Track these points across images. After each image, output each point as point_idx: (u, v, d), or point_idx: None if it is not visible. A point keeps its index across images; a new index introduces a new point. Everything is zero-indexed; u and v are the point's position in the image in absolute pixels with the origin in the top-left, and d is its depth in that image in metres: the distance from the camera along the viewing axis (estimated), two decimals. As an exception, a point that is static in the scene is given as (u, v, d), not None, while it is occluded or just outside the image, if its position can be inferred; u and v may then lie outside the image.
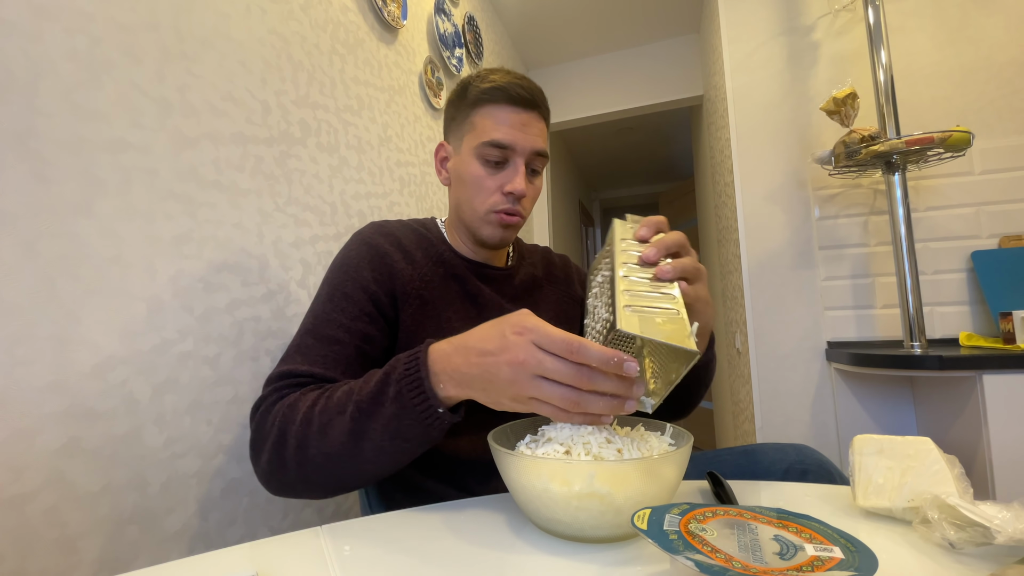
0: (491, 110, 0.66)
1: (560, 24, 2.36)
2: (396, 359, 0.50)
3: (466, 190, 0.69)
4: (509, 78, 0.67)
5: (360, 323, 0.61)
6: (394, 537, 0.43)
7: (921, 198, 1.47)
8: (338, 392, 0.51)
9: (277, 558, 0.40)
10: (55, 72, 0.58)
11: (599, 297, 0.53)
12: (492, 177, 0.67)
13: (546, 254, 0.86)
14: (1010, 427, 1.02)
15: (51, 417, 0.55)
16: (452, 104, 0.72)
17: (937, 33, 1.50)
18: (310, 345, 0.59)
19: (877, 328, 1.50)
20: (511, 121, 0.66)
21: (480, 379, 0.44)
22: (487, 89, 0.66)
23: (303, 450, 0.49)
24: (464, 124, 0.69)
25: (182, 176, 0.72)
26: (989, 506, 0.36)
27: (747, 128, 1.69)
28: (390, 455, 0.49)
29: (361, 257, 0.65)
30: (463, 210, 0.70)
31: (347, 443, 0.48)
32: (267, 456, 0.51)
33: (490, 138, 0.65)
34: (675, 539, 0.31)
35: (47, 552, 0.53)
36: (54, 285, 0.56)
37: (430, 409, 0.46)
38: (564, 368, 0.40)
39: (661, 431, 0.49)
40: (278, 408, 0.52)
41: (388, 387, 0.48)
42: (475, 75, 0.70)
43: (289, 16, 0.97)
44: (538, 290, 0.79)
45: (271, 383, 0.56)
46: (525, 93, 0.66)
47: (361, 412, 0.48)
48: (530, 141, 0.67)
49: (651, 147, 3.92)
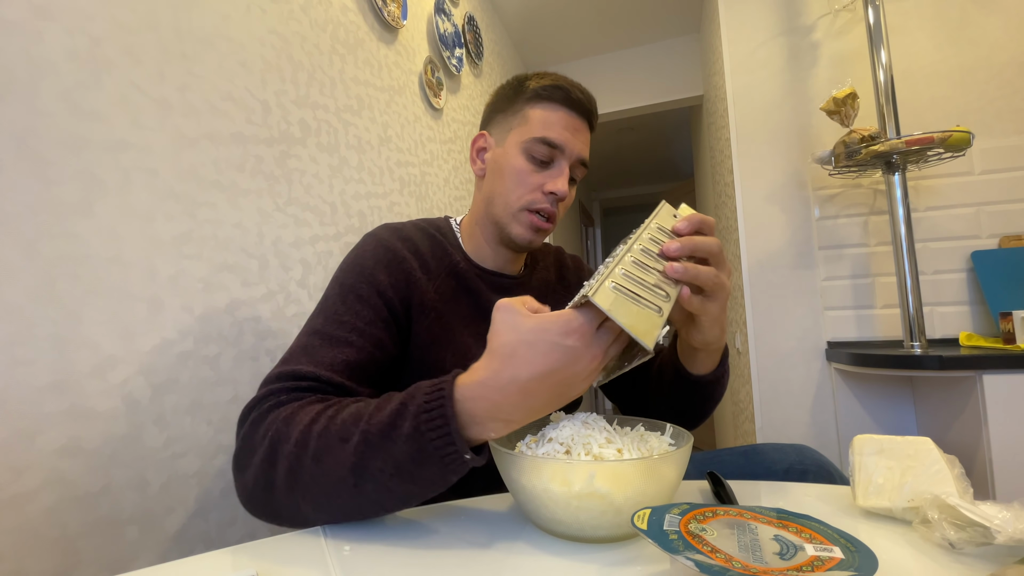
0: (548, 108, 0.65)
1: (560, 24, 2.36)
2: (417, 387, 0.44)
3: (504, 183, 0.66)
4: (569, 81, 0.67)
5: (375, 328, 0.57)
6: (394, 537, 0.43)
7: (921, 198, 1.47)
8: (344, 413, 0.45)
9: (277, 558, 0.40)
10: (55, 72, 0.58)
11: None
12: (535, 174, 0.65)
13: (559, 256, 0.84)
14: (1010, 427, 1.02)
15: (51, 417, 0.55)
16: (503, 96, 0.70)
17: (937, 33, 1.50)
18: (317, 346, 0.54)
19: (877, 328, 1.50)
20: (565, 123, 0.65)
21: (548, 402, 0.41)
22: (548, 87, 0.65)
23: (294, 475, 0.43)
24: (515, 117, 0.67)
25: (182, 176, 0.72)
26: (989, 506, 0.36)
27: (747, 128, 1.69)
28: (395, 498, 0.43)
29: (378, 259, 0.62)
30: (496, 203, 0.68)
31: (347, 478, 0.42)
32: (254, 472, 0.45)
33: (542, 135, 0.64)
34: (675, 539, 0.31)
35: (47, 552, 0.53)
36: (54, 285, 0.56)
37: (454, 455, 0.40)
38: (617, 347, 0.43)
39: (661, 431, 0.49)
40: (272, 418, 0.46)
41: (403, 420, 0.41)
42: (532, 73, 0.69)
43: (289, 16, 0.97)
44: (551, 296, 0.77)
45: (268, 383, 0.51)
46: (583, 99, 0.66)
47: (368, 445, 0.41)
48: (579, 147, 0.66)
49: (651, 147, 3.93)
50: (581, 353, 0.40)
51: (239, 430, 0.49)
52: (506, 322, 0.42)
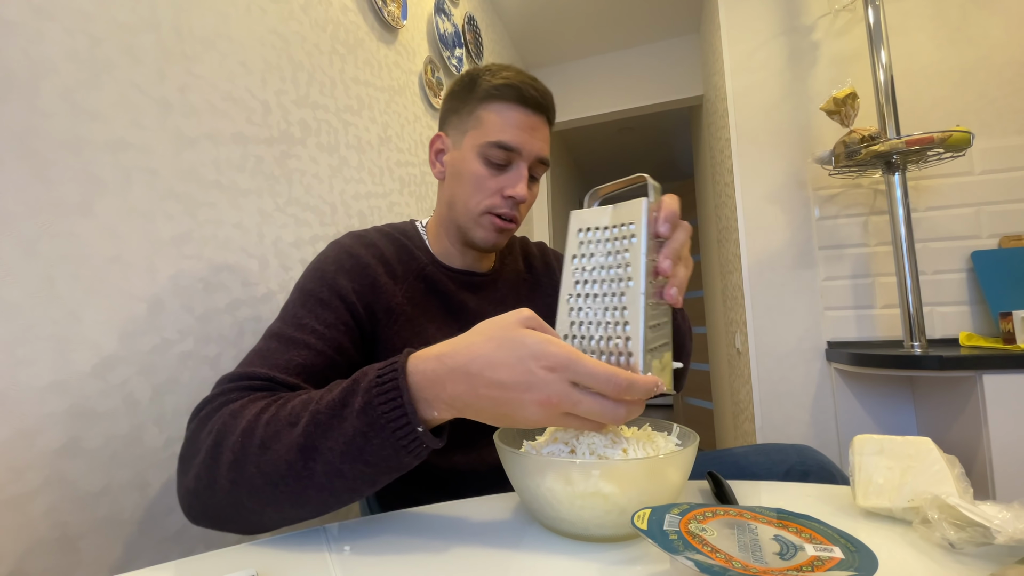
0: (500, 108, 0.62)
1: (560, 24, 2.36)
2: (368, 367, 0.42)
3: (463, 188, 0.65)
4: (522, 77, 0.63)
5: (335, 332, 0.56)
6: (395, 536, 0.43)
7: (921, 198, 1.47)
8: (294, 401, 0.43)
9: (277, 558, 0.40)
10: (55, 72, 0.58)
11: (602, 283, 0.45)
12: (493, 178, 0.64)
13: (524, 246, 0.83)
14: (1010, 427, 1.02)
15: (51, 417, 0.55)
16: (456, 95, 0.67)
17: (937, 33, 1.50)
18: (274, 349, 0.52)
19: (877, 328, 1.50)
20: (520, 123, 0.62)
21: (490, 411, 0.38)
22: (499, 85, 0.62)
23: (238, 467, 0.40)
24: (469, 118, 0.65)
25: (182, 176, 0.72)
26: (989, 506, 0.36)
27: (747, 128, 1.69)
28: (346, 483, 0.39)
29: (340, 265, 0.61)
30: (457, 208, 0.67)
31: (294, 462, 0.39)
32: (195, 472, 0.42)
33: (497, 138, 0.62)
34: (675, 539, 0.31)
35: (47, 552, 0.53)
36: (54, 285, 0.56)
37: (407, 428, 0.38)
38: (603, 407, 0.36)
39: (668, 431, 0.48)
40: (220, 415, 0.44)
41: (354, 397, 0.39)
42: (484, 68, 0.65)
43: (289, 16, 0.97)
44: (523, 287, 0.76)
45: (221, 384, 0.49)
46: (538, 95, 0.63)
47: (317, 425, 0.39)
48: (536, 146, 0.64)
49: (651, 147, 3.92)
50: (540, 383, 0.36)
51: (188, 425, 0.47)
52: (500, 318, 0.40)
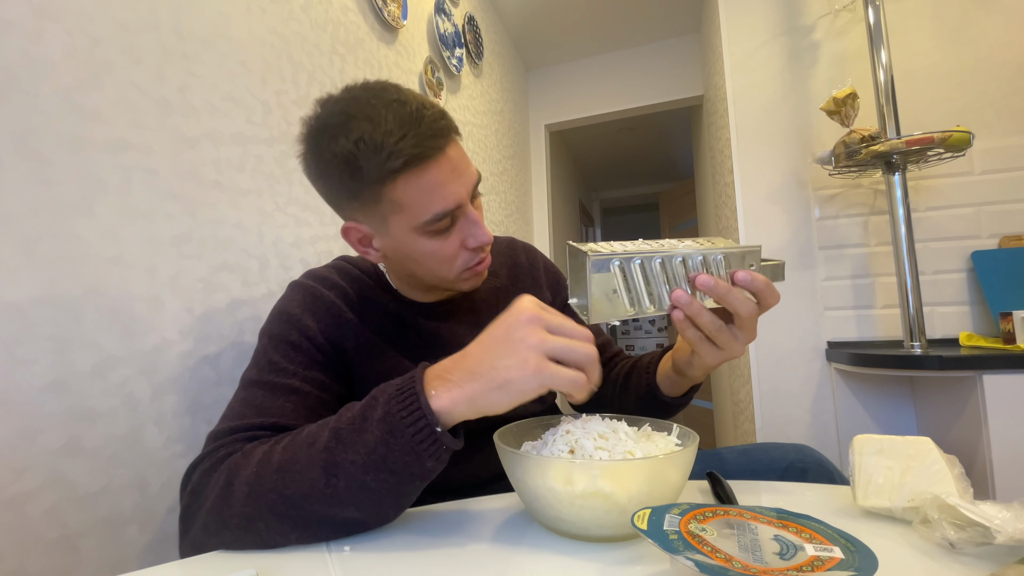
0: (410, 180, 0.51)
1: (560, 24, 2.36)
2: (386, 383, 0.43)
3: (423, 266, 0.58)
4: (404, 128, 0.49)
5: (313, 371, 0.54)
6: (395, 536, 0.43)
7: (921, 198, 1.47)
8: (310, 427, 0.43)
9: (277, 558, 0.40)
10: (55, 72, 0.58)
11: None
12: (447, 242, 0.56)
13: (511, 254, 0.76)
14: (1010, 427, 1.02)
15: (51, 417, 0.55)
16: (337, 185, 0.54)
17: (937, 33, 1.50)
18: (260, 397, 0.50)
19: (877, 328, 1.50)
20: (440, 179, 0.52)
21: (488, 378, 0.40)
22: (395, 163, 0.49)
23: (254, 499, 0.40)
24: (378, 205, 0.53)
25: (182, 176, 0.72)
26: (989, 506, 0.36)
27: (747, 128, 1.69)
28: (370, 495, 0.40)
29: (305, 306, 0.58)
30: (425, 279, 0.61)
31: (317, 480, 0.39)
32: (203, 520, 0.41)
33: (430, 215, 0.52)
34: (675, 539, 0.31)
35: (47, 552, 0.53)
36: (54, 285, 0.56)
37: (426, 430, 0.39)
38: (572, 347, 0.41)
39: (668, 431, 0.48)
40: (227, 463, 0.43)
41: (374, 409, 0.40)
42: (356, 139, 0.49)
43: (289, 16, 0.97)
44: (502, 301, 0.60)
45: (217, 438, 0.47)
46: (433, 129, 0.51)
47: (339, 440, 0.40)
48: (467, 180, 0.55)
49: (651, 147, 3.92)
50: (520, 333, 0.40)
51: (183, 491, 0.45)
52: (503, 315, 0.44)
